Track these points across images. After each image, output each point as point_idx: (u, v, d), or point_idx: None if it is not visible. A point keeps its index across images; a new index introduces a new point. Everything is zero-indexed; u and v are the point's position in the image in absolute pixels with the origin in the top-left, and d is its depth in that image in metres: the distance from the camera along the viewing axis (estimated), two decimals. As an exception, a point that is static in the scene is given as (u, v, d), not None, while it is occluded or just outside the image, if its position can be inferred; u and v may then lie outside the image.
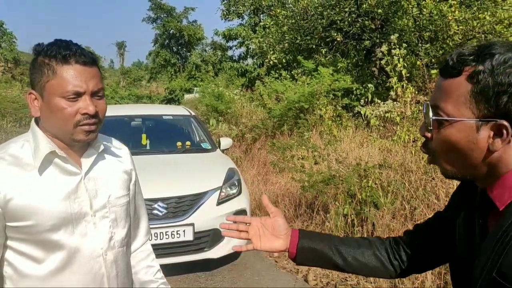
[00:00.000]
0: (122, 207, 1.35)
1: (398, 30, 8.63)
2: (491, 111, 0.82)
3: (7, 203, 1.15)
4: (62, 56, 1.16)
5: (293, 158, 5.93)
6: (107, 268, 1.28)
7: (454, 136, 0.86)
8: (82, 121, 1.19)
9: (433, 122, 0.89)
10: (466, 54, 0.84)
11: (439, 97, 0.88)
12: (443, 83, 0.88)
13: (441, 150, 0.90)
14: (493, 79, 0.80)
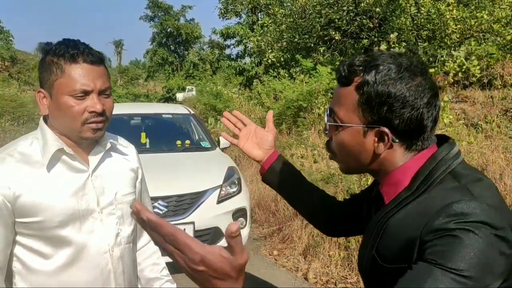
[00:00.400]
0: (128, 204, 1.37)
1: (396, 29, 8.67)
2: (375, 118, 0.90)
3: (17, 199, 1.16)
4: (70, 55, 1.18)
5: (292, 157, 5.95)
6: (113, 264, 1.30)
7: (346, 139, 0.95)
8: (89, 119, 1.21)
9: (330, 126, 0.98)
10: (356, 65, 0.91)
11: (335, 103, 0.97)
12: (338, 91, 0.96)
13: (337, 150, 0.99)
14: (375, 90, 0.88)
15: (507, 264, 0.80)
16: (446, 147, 0.92)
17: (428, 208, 0.85)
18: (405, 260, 0.85)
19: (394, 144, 0.92)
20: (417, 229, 0.84)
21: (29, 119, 11.96)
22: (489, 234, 0.78)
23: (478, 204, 0.81)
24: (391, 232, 0.91)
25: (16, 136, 10.17)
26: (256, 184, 6.65)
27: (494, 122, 5.53)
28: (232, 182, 4.36)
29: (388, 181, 0.97)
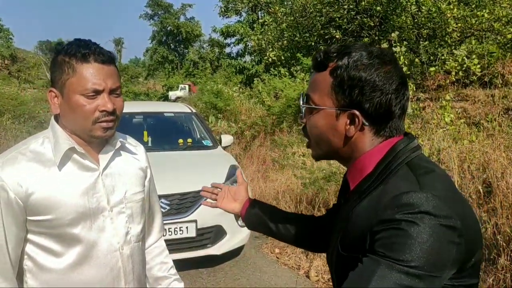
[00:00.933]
0: (138, 203, 1.38)
1: (396, 27, 8.67)
2: (347, 101, 0.94)
3: (28, 197, 1.18)
4: (81, 55, 1.19)
5: (294, 155, 5.96)
6: (123, 262, 1.31)
7: (319, 122, 0.99)
8: (100, 118, 1.22)
9: (305, 110, 1.01)
10: (331, 52, 0.96)
11: (310, 88, 1.01)
12: (313, 77, 1.00)
13: (311, 135, 1.02)
14: (348, 74, 0.93)
15: (459, 252, 0.82)
16: (405, 140, 0.97)
17: (381, 198, 0.88)
18: (359, 249, 0.88)
19: (364, 127, 0.95)
20: (369, 219, 0.87)
21: (30, 118, 11.95)
22: (434, 224, 0.79)
23: (424, 194, 0.82)
24: (353, 221, 0.94)
25: (17, 134, 10.17)
26: (257, 183, 6.67)
27: (495, 121, 5.54)
28: (234, 180, 4.36)
29: (355, 166, 1.00)
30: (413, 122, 6.01)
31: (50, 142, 1.26)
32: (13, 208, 1.17)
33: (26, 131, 10.63)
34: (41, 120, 12.27)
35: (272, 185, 6.31)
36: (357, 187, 0.98)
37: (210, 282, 3.98)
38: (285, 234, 1.38)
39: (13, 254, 1.19)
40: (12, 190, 1.17)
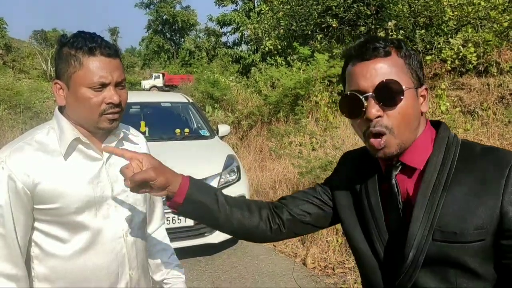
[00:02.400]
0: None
1: (393, 16, 8.65)
2: (417, 79, 0.99)
3: (35, 186, 1.21)
4: (88, 48, 1.21)
5: (291, 144, 5.99)
6: (128, 249, 1.36)
7: (411, 105, 0.96)
8: (107, 110, 1.25)
9: (390, 98, 0.95)
10: (386, 40, 0.99)
11: (387, 73, 0.95)
12: (381, 63, 0.96)
13: (398, 122, 0.95)
14: (410, 54, 0.99)
15: None
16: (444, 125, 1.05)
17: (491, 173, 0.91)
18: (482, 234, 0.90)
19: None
20: (492, 198, 0.90)
21: (26, 108, 11.91)
22: None
23: None
24: (454, 204, 0.93)
25: (14, 125, 10.16)
26: (255, 172, 6.71)
27: (490, 109, 5.58)
28: (232, 170, 4.41)
29: (416, 146, 1.00)
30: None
31: (55, 133, 1.29)
32: (21, 197, 1.21)
33: (23, 122, 10.61)
34: (37, 110, 12.23)
35: (269, 174, 6.35)
36: (430, 168, 0.97)
37: (208, 270, 4.03)
38: (237, 226, 1.18)
39: (21, 242, 1.23)
40: (20, 179, 1.20)
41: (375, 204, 1.05)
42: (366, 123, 0.97)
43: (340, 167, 1.25)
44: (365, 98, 0.96)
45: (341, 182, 1.18)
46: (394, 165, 1.02)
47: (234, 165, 4.48)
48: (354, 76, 0.99)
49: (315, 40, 10.75)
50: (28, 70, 31.76)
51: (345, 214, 1.14)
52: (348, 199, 1.15)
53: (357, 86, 0.97)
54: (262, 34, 12.60)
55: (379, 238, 1.03)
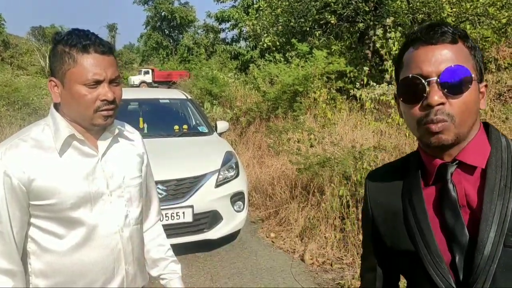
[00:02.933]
0: (136, 188, 1.43)
1: (391, 12, 8.65)
2: (479, 74, 0.93)
3: (31, 183, 1.22)
4: (82, 46, 1.23)
5: (289, 141, 6.00)
6: (123, 244, 1.37)
7: (474, 96, 0.90)
8: (101, 107, 1.27)
9: (457, 85, 0.87)
10: (452, 26, 0.92)
11: (455, 60, 0.88)
12: (449, 48, 0.89)
13: (461, 112, 0.88)
14: (475, 46, 0.93)
15: None
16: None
17: None
18: None
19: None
20: None
21: (24, 105, 11.89)
22: None
23: None
24: None
25: (12, 121, 10.14)
26: (253, 168, 6.73)
27: (488, 106, 5.60)
28: (230, 167, 4.42)
29: (475, 144, 0.93)
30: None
31: (50, 129, 1.30)
32: (16, 194, 1.22)
33: (21, 118, 10.60)
34: (35, 107, 12.22)
35: (267, 170, 6.36)
36: (492, 167, 0.90)
37: (206, 266, 4.05)
38: None
39: (17, 237, 1.24)
40: (16, 176, 1.21)
41: (422, 220, 0.94)
42: (424, 110, 0.90)
43: (371, 188, 1.13)
44: (428, 83, 0.89)
45: (379, 205, 1.08)
46: (450, 164, 0.93)
47: (233, 161, 4.49)
48: (417, 59, 0.91)
49: (314, 36, 10.75)
50: (26, 67, 31.66)
51: (391, 241, 1.03)
52: (390, 220, 1.04)
53: (419, 70, 0.90)
54: (261, 31, 12.59)
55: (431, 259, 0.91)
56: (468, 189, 0.91)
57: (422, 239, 0.93)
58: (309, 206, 4.80)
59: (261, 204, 5.62)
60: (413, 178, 0.99)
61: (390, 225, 1.03)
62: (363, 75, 7.98)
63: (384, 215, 1.05)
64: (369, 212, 1.10)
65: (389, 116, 6.25)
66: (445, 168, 0.93)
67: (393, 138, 5.49)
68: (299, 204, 4.90)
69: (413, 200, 0.97)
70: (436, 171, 0.94)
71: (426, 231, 0.92)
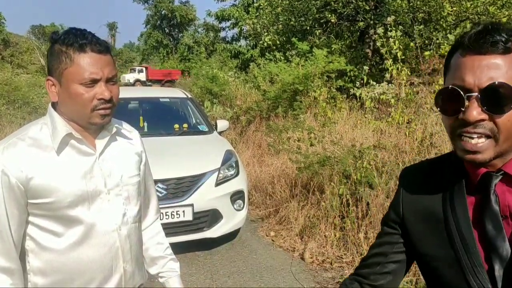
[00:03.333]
0: (134, 186, 1.44)
1: (392, 11, 8.65)
2: None
3: (29, 181, 1.23)
4: (79, 45, 1.23)
5: (289, 140, 6.01)
6: (121, 242, 1.37)
7: None
8: (98, 106, 1.27)
9: (498, 104, 0.82)
10: (510, 32, 0.84)
11: (498, 75, 0.82)
12: (497, 60, 0.83)
13: (506, 130, 0.83)
14: None
15: None
16: None
17: None
18: None
19: None
20: None
21: (24, 103, 11.90)
22: None
23: None
24: None
25: (12, 120, 10.16)
26: (253, 167, 6.73)
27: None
28: (230, 165, 4.42)
29: None
30: (406, 106, 6.05)
31: (48, 128, 1.30)
32: (14, 192, 1.22)
33: (21, 117, 10.61)
34: (35, 105, 12.23)
35: (267, 169, 6.37)
36: None
37: (206, 265, 4.06)
38: None
39: (15, 236, 1.24)
40: (13, 174, 1.21)
41: (465, 228, 0.91)
42: (461, 123, 0.86)
43: (406, 186, 1.08)
44: (468, 97, 0.84)
45: (414, 205, 1.04)
46: (494, 174, 0.89)
47: (233, 160, 4.50)
48: (461, 68, 0.86)
49: (314, 35, 10.73)
50: (26, 65, 31.67)
51: (427, 244, 1.00)
52: (427, 222, 0.99)
53: (461, 81, 0.85)
54: (261, 30, 12.58)
55: (472, 268, 0.89)
56: (511, 201, 0.87)
57: (464, 247, 0.90)
58: (309, 205, 4.80)
59: (261, 202, 5.62)
60: (457, 184, 0.95)
61: (427, 227, 0.99)
62: (363, 73, 7.97)
63: (419, 216, 1.01)
64: (400, 210, 1.07)
65: (389, 115, 6.25)
66: (489, 177, 0.89)
67: (393, 137, 5.49)
68: (299, 203, 4.90)
69: (455, 206, 0.93)
70: (479, 179, 0.91)
71: (470, 240, 0.89)
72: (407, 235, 1.05)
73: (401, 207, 1.07)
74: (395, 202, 1.10)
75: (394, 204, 1.10)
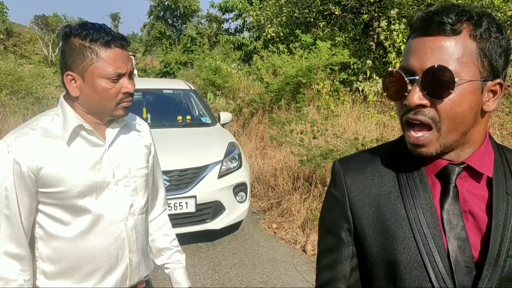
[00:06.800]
0: (141, 178, 1.46)
1: (396, 4, 8.60)
2: (489, 70, 0.80)
3: (39, 171, 1.26)
4: (105, 41, 1.26)
5: (292, 132, 6.01)
6: (127, 233, 1.40)
7: (467, 99, 0.79)
8: (123, 99, 1.32)
9: (437, 88, 0.78)
10: (460, 12, 0.79)
11: (444, 58, 0.78)
12: (443, 42, 0.78)
13: (448, 118, 0.79)
14: (495, 38, 0.79)
15: None
16: None
17: None
18: None
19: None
20: None
21: (28, 93, 11.90)
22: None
23: None
24: None
25: (15, 110, 10.17)
26: (256, 159, 6.74)
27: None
28: (233, 158, 4.44)
29: (484, 150, 0.86)
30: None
31: (59, 119, 1.33)
32: (25, 181, 1.25)
33: (24, 107, 10.63)
34: (38, 96, 12.23)
35: (270, 162, 6.38)
36: (499, 174, 0.85)
37: (209, 256, 4.09)
38: None
39: (26, 223, 1.28)
40: (25, 163, 1.24)
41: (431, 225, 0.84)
42: (406, 109, 0.82)
43: (351, 185, 0.95)
44: (411, 81, 0.80)
45: (365, 204, 0.92)
46: (457, 167, 0.85)
47: (236, 152, 4.51)
48: (409, 51, 0.82)
49: (318, 27, 10.69)
50: (29, 56, 31.68)
51: (386, 247, 0.89)
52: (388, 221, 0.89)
53: (407, 64, 0.82)
54: (264, 21, 12.53)
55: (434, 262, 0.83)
56: (473, 195, 0.85)
57: (431, 247, 0.83)
58: (311, 197, 4.82)
59: (263, 195, 5.64)
60: (418, 177, 0.88)
61: (384, 227, 0.89)
62: (366, 67, 7.94)
63: (374, 217, 0.91)
64: (348, 213, 0.94)
65: (392, 108, 6.24)
66: (449, 170, 0.85)
67: (395, 131, 5.49)
68: (301, 196, 4.92)
69: (420, 203, 0.86)
70: (438, 171, 0.86)
71: (436, 238, 0.83)
72: (360, 239, 0.93)
73: (349, 209, 0.94)
74: (338, 203, 0.97)
75: (337, 207, 0.97)
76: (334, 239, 0.97)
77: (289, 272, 3.80)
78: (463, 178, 0.86)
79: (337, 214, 0.96)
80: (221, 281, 3.65)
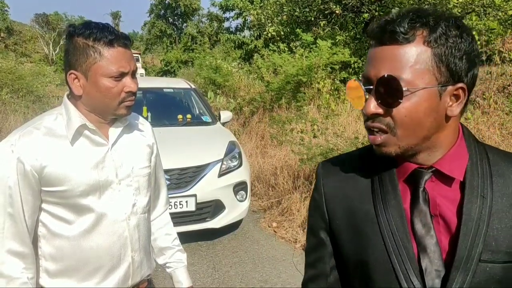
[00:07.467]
0: (144, 177, 1.47)
1: (397, 3, 8.59)
2: (448, 75, 0.79)
3: (43, 169, 1.27)
4: (108, 40, 1.27)
5: (292, 131, 6.01)
6: (130, 232, 1.41)
7: (421, 105, 0.79)
8: (126, 98, 1.33)
9: (393, 95, 0.79)
10: (414, 19, 0.79)
11: (396, 67, 0.78)
12: (395, 51, 0.79)
13: (404, 124, 0.80)
14: (453, 42, 0.78)
15: None
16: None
17: None
18: None
19: (462, 105, 0.83)
20: None
21: (28, 92, 11.91)
22: None
23: None
24: (504, 220, 0.81)
25: (16, 109, 10.19)
26: (256, 158, 6.75)
27: (491, 98, 5.58)
28: (233, 156, 4.44)
29: (453, 154, 0.86)
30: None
31: (63, 119, 1.34)
32: (29, 179, 1.26)
33: (25, 106, 10.64)
34: (39, 94, 12.24)
35: (270, 160, 6.39)
36: (471, 178, 0.84)
37: (209, 255, 4.10)
38: None
39: (29, 221, 1.29)
40: (28, 162, 1.25)
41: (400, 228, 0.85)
42: (365, 115, 0.84)
43: (329, 187, 0.99)
44: (369, 90, 0.82)
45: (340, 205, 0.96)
46: (424, 171, 0.86)
47: (236, 151, 4.52)
48: (367, 60, 0.84)
49: (318, 26, 10.68)
50: (30, 54, 31.70)
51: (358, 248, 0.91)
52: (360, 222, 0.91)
53: (365, 73, 0.83)
54: (265, 20, 12.52)
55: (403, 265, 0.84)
56: (443, 199, 0.85)
57: (399, 250, 0.84)
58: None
59: (263, 194, 5.65)
60: (389, 180, 0.89)
61: (356, 228, 0.91)
62: (367, 66, 7.92)
63: (347, 218, 0.93)
64: (325, 215, 0.98)
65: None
66: (419, 174, 0.86)
67: (396, 130, 5.48)
68: (301, 195, 4.92)
69: (388, 207, 0.87)
70: (408, 174, 0.87)
71: (404, 241, 0.84)
72: (337, 240, 0.96)
73: (325, 209, 0.98)
74: (317, 205, 1.01)
75: (316, 208, 1.01)
76: (316, 239, 1.02)
77: (289, 271, 3.81)
78: (434, 182, 0.86)
79: (317, 216, 1.01)
80: (221, 280, 3.66)
